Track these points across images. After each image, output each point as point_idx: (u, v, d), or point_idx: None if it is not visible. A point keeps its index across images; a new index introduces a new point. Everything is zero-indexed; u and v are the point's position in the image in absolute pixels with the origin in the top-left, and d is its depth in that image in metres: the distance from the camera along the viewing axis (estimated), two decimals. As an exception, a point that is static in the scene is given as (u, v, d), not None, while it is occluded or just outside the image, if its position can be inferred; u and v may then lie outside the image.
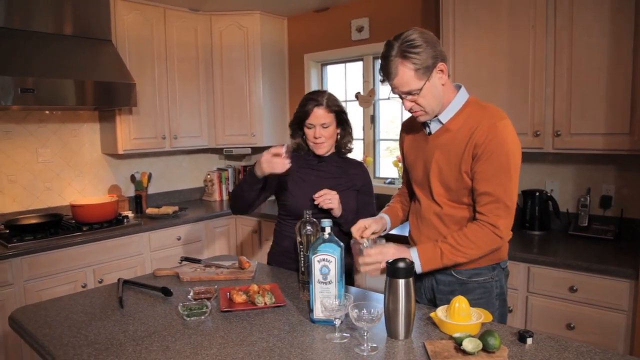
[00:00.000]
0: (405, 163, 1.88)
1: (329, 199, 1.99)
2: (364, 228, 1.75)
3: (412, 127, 1.83)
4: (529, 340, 1.36)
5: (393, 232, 2.88)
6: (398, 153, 3.85)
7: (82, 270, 2.97)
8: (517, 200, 1.61)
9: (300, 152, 2.18)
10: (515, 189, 1.59)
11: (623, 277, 2.15)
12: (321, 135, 2.06)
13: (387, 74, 1.58)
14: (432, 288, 1.75)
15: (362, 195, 2.18)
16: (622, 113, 2.34)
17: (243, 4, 3.83)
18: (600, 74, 2.38)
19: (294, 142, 2.19)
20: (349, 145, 2.18)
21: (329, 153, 2.14)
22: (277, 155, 1.88)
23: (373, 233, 1.77)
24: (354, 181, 2.16)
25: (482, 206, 1.58)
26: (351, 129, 2.18)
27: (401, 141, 1.92)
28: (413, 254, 1.58)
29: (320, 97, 2.06)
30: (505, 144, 1.54)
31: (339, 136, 2.15)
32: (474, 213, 1.62)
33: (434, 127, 1.69)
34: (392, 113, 3.90)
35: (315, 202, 2.00)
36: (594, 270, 2.21)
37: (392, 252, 1.56)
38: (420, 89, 1.56)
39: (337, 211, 2.03)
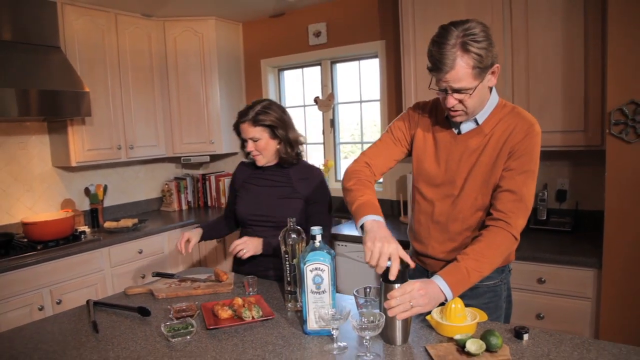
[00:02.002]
0: (414, 155, 1.67)
1: (242, 249, 1.95)
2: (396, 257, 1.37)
3: (433, 115, 1.64)
4: (526, 336, 1.35)
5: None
6: (355, 155, 3.84)
7: (38, 291, 2.72)
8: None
9: (250, 158, 2.16)
10: (534, 193, 1.52)
11: (587, 267, 2.21)
12: (253, 148, 2.05)
13: (441, 64, 1.37)
14: None
15: (310, 205, 2.06)
16: (577, 111, 2.42)
17: (197, 9, 3.68)
18: (556, 75, 2.45)
19: (245, 152, 2.12)
20: (288, 157, 2.07)
21: (270, 163, 2.11)
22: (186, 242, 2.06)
23: None
24: (298, 189, 2.06)
25: (503, 204, 1.47)
26: (289, 140, 2.05)
27: (415, 120, 1.68)
28: (440, 283, 1.38)
29: (251, 112, 2.01)
30: (537, 147, 1.50)
31: (279, 147, 2.07)
32: (490, 212, 1.52)
33: (466, 127, 1.56)
34: (351, 116, 3.88)
35: (237, 255, 1.97)
36: (560, 261, 2.27)
37: (417, 287, 1.34)
38: (473, 89, 1.41)
39: (256, 253, 2.00)
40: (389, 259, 1.34)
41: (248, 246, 1.96)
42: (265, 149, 2.05)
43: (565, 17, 2.39)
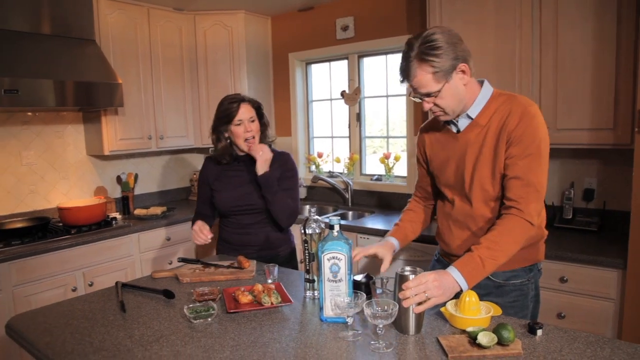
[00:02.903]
0: (431, 167, 1.78)
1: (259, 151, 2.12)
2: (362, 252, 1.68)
3: (434, 129, 1.76)
4: (539, 332, 1.35)
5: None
6: (384, 150, 3.87)
7: (72, 273, 2.86)
8: (546, 188, 1.54)
9: (226, 157, 2.25)
10: (545, 176, 1.52)
11: (611, 267, 2.18)
12: (251, 128, 2.16)
13: (406, 75, 1.53)
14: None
15: (280, 182, 2.22)
16: (606, 109, 2.37)
17: (227, 4, 3.75)
18: (585, 72, 2.41)
19: (221, 146, 2.23)
20: (269, 138, 2.30)
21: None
22: (202, 232, 2.13)
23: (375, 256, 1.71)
24: (274, 173, 2.21)
25: (511, 191, 1.50)
26: (268, 122, 2.30)
27: (421, 145, 1.82)
28: (454, 274, 1.43)
29: (241, 96, 2.20)
30: (537, 129, 1.50)
31: (259, 132, 2.24)
32: (503, 203, 1.55)
33: (462, 123, 1.63)
34: (377, 111, 3.89)
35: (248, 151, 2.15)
36: (583, 261, 2.24)
37: (432, 279, 1.38)
38: (439, 91, 1.51)
39: (262, 165, 2.13)
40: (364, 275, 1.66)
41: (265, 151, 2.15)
42: (258, 130, 2.21)
43: (597, 13, 2.34)
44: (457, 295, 1.45)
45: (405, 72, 1.53)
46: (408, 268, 1.42)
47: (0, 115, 3.08)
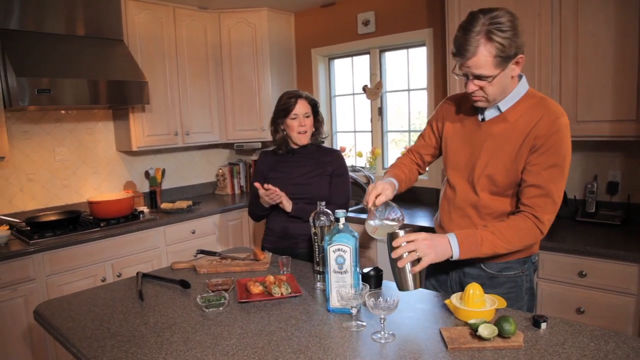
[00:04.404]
0: (443, 144, 1.72)
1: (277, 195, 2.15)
2: (378, 194, 1.58)
3: (460, 106, 1.68)
4: (543, 325, 1.34)
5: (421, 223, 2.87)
6: (405, 144, 3.85)
7: (101, 264, 2.98)
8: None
9: (282, 147, 2.32)
10: (564, 188, 1.49)
11: (632, 262, 2.12)
12: (305, 123, 2.25)
13: (464, 50, 1.40)
14: (459, 282, 1.69)
15: (335, 177, 2.30)
16: (629, 100, 2.30)
17: (251, 1, 3.80)
18: (606, 62, 2.34)
19: (279, 136, 2.32)
20: (323, 135, 2.37)
21: (307, 143, 2.30)
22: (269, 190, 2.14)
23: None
24: (326, 167, 2.29)
25: (528, 199, 1.48)
26: (323, 120, 2.38)
27: (441, 114, 1.74)
28: (452, 240, 1.45)
29: (299, 92, 2.28)
30: (565, 141, 1.46)
31: (313, 128, 2.32)
32: (517, 205, 1.54)
33: (489, 114, 1.57)
34: (398, 105, 3.87)
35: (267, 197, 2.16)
36: (602, 255, 2.19)
37: (422, 237, 1.40)
38: (493, 77, 1.42)
39: (287, 206, 2.20)
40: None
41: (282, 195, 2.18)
42: (311, 126, 2.30)
43: (619, 1, 2.27)
44: (462, 287, 1.45)
45: (464, 47, 1.39)
46: (402, 232, 1.44)
47: (35, 113, 3.23)
